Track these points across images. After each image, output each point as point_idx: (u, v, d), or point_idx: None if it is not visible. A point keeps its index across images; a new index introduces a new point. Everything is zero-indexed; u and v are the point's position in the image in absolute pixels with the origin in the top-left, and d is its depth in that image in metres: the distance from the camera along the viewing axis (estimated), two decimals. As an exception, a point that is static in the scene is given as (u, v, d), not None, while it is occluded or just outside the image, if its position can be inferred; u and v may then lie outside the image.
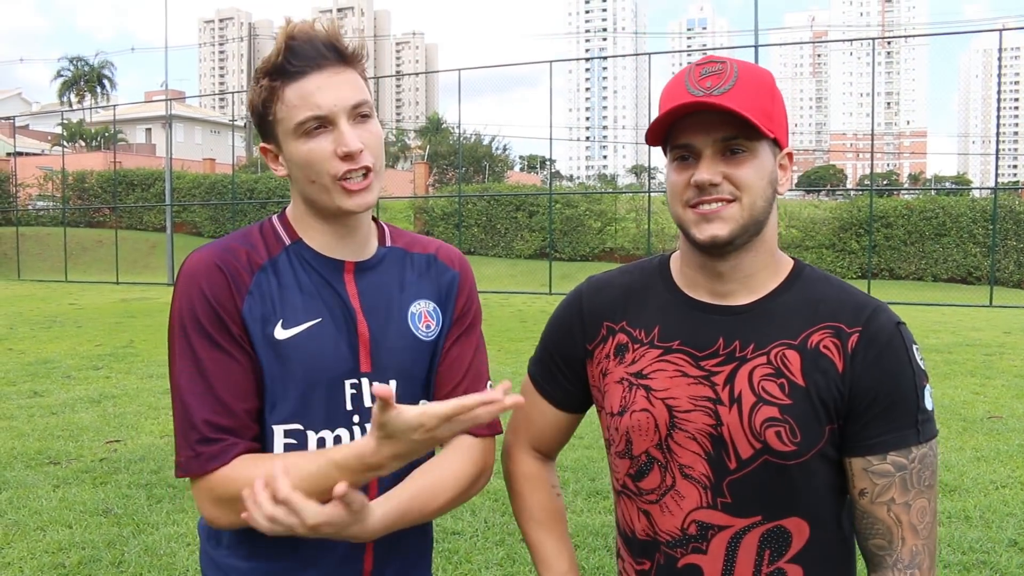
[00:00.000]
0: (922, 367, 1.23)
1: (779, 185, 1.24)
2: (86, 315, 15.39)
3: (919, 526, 1.20)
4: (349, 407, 1.30)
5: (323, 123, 1.25)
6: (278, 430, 1.28)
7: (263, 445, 1.28)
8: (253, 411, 1.27)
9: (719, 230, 1.19)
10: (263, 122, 1.30)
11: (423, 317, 1.39)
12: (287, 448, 1.28)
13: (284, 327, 1.28)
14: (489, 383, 1.43)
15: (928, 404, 1.22)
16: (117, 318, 14.80)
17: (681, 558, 1.26)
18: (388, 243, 1.42)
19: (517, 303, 19.34)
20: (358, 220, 1.35)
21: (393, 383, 1.33)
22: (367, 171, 1.27)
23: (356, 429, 1.31)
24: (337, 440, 1.29)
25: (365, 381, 1.31)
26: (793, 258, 1.32)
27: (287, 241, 1.35)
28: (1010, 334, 12.75)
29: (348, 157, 1.25)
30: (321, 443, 1.28)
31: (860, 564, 1.34)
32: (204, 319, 1.25)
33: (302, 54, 1.25)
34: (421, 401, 1.37)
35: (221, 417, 1.23)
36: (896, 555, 1.21)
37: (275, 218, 1.39)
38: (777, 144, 1.23)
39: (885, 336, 1.21)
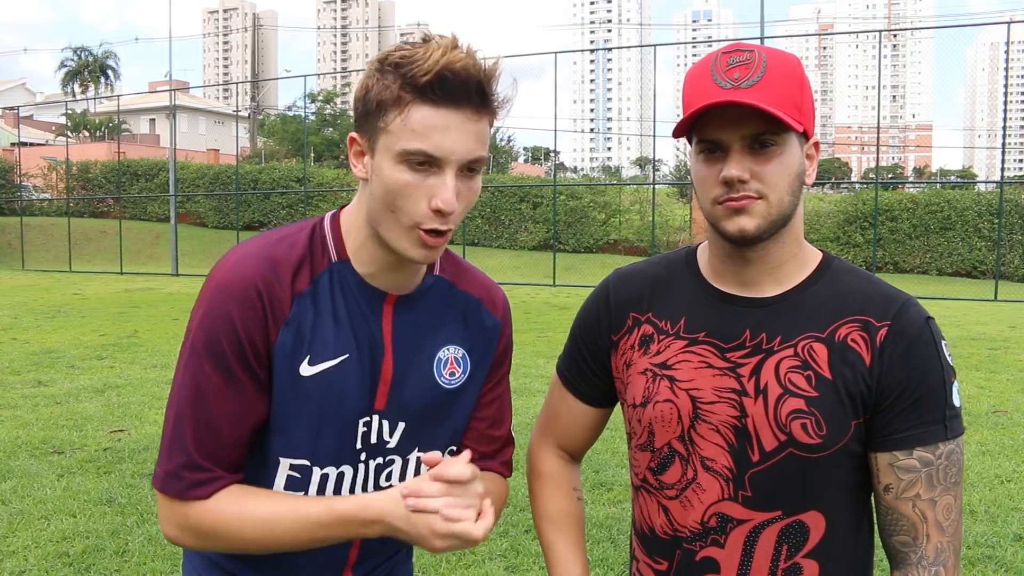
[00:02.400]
0: (950, 363, 1.21)
1: (807, 176, 1.22)
2: (90, 305, 15.41)
3: (944, 523, 1.18)
4: (359, 445, 1.26)
5: (431, 164, 1.13)
6: (284, 463, 1.24)
7: (264, 472, 1.24)
8: (246, 447, 1.21)
9: (747, 224, 1.18)
10: (368, 115, 1.16)
11: (449, 364, 1.32)
12: (289, 480, 1.24)
13: (310, 363, 1.21)
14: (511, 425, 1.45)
15: (956, 400, 1.20)
16: (121, 308, 14.82)
17: (699, 551, 1.24)
18: (436, 271, 1.34)
19: (521, 295, 19.33)
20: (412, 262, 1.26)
21: (401, 425, 1.28)
22: (446, 232, 1.17)
23: (361, 467, 1.27)
24: (340, 476, 1.25)
25: (376, 419, 1.27)
26: (822, 250, 1.30)
27: (334, 258, 1.24)
28: (1015, 328, 12.72)
29: (439, 212, 1.14)
30: (324, 479, 1.25)
31: (879, 561, 1.33)
32: (227, 347, 1.16)
33: (450, 88, 1.11)
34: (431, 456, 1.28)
35: (214, 449, 1.18)
36: (921, 552, 1.19)
37: (327, 221, 1.27)
38: (805, 135, 1.20)
39: (915, 331, 1.19)
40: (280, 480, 1.24)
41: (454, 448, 1.36)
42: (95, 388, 7.69)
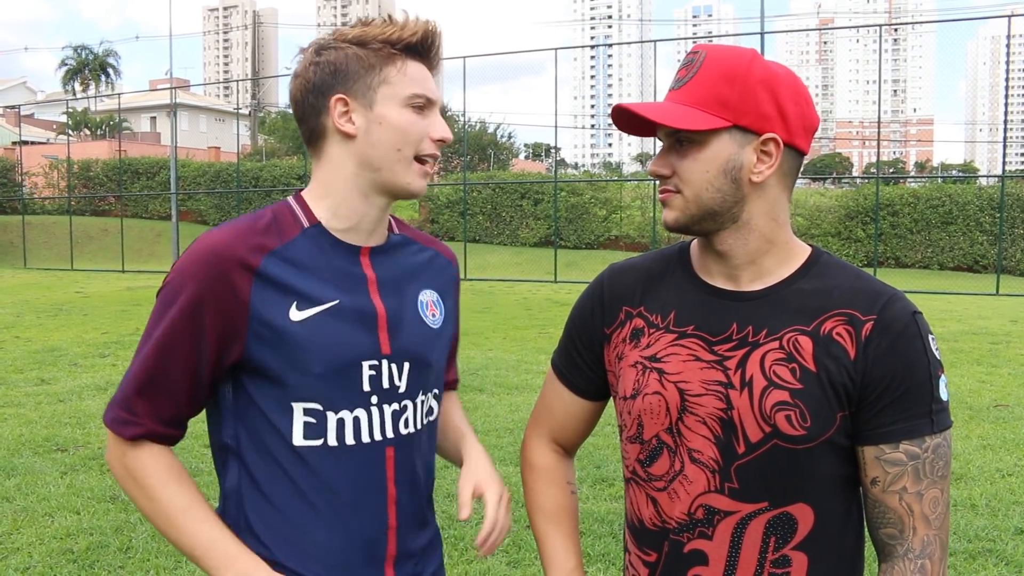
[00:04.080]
0: (937, 357, 1.22)
1: (753, 173, 1.21)
2: (92, 303, 15.42)
3: (931, 516, 1.19)
4: (367, 388, 1.33)
5: (428, 106, 1.37)
6: (297, 407, 1.29)
7: (285, 420, 1.31)
8: (186, 402, 1.31)
9: (667, 215, 1.25)
10: (359, 78, 1.33)
11: (430, 306, 1.44)
12: (307, 426, 1.30)
13: (299, 309, 1.30)
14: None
15: (943, 395, 1.21)
16: (123, 306, 14.84)
17: (687, 543, 1.25)
18: (396, 231, 1.48)
19: (522, 291, 19.34)
20: (388, 210, 1.41)
21: (407, 366, 1.37)
22: (435, 163, 1.40)
23: (374, 410, 1.34)
24: (356, 421, 1.32)
25: (384, 363, 1.34)
26: (812, 245, 1.31)
27: (305, 223, 1.35)
28: (1017, 323, 12.72)
29: (440, 142, 1.38)
30: (340, 424, 1.31)
31: (870, 555, 1.34)
32: (184, 302, 1.26)
33: (429, 46, 1.38)
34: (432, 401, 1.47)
35: (151, 394, 1.28)
36: (907, 544, 1.20)
37: (292, 200, 1.40)
38: (750, 131, 1.20)
39: (900, 324, 1.20)
40: (298, 427, 1.30)
41: (437, 391, 1.46)
42: (97, 386, 7.71)
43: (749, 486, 1.21)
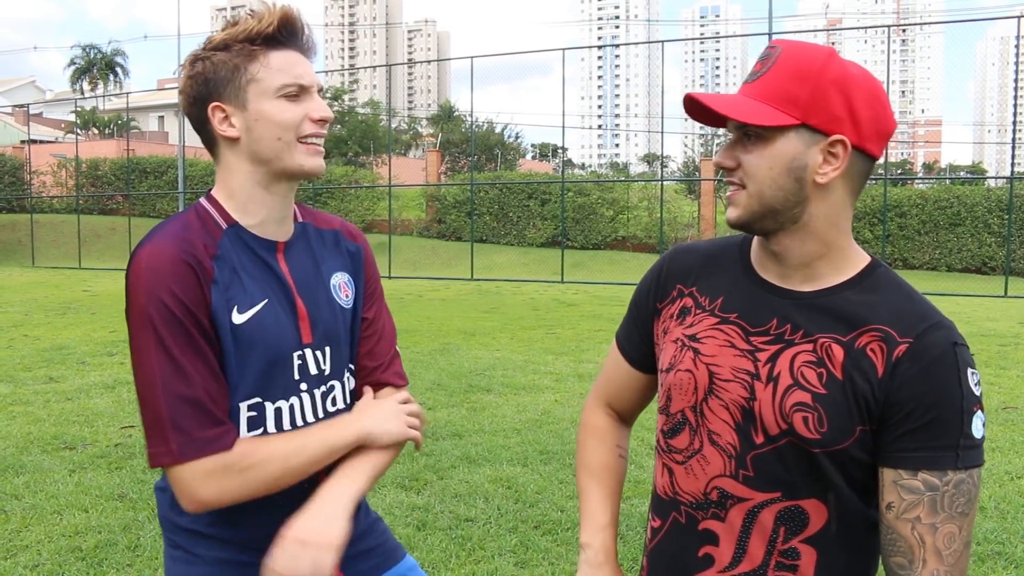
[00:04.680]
0: (975, 393, 1.18)
1: (818, 175, 1.20)
2: (100, 302, 15.48)
3: (944, 551, 1.16)
4: (297, 376, 1.43)
5: (301, 92, 1.40)
6: (243, 406, 1.38)
7: (235, 421, 1.38)
8: (225, 399, 1.35)
9: (730, 213, 1.25)
10: (226, 83, 1.38)
11: (342, 288, 1.53)
12: (249, 420, 1.38)
13: (240, 312, 1.37)
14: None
15: (976, 432, 1.17)
16: (131, 305, 14.86)
17: (701, 521, 1.29)
18: (300, 219, 1.54)
19: (529, 291, 19.33)
20: (292, 194, 1.47)
21: (328, 350, 1.47)
22: (322, 141, 1.44)
23: (305, 396, 1.44)
24: (291, 408, 1.42)
25: (308, 351, 1.45)
26: (872, 256, 1.30)
27: (223, 225, 1.41)
28: (1025, 324, 12.66)
29: (321, 121, 1.41)
30: (278, 412, 1.41)
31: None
32: (179, 315, 1.30)
33: (291, 32, 1.41)
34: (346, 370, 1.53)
35: (209, 406, 1.31)
36: (913, 572, 1.17)
37: (204, 202, 1.44)
38: (818, 131, 1.19)
39: (936, 352, 1.18)
40: (243, 423, 1.38)
41: (352, 367, 1.54)
42: (105, 384, 7.73)
43: (763, 476, 1.23)
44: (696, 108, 1.26)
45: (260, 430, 1.38)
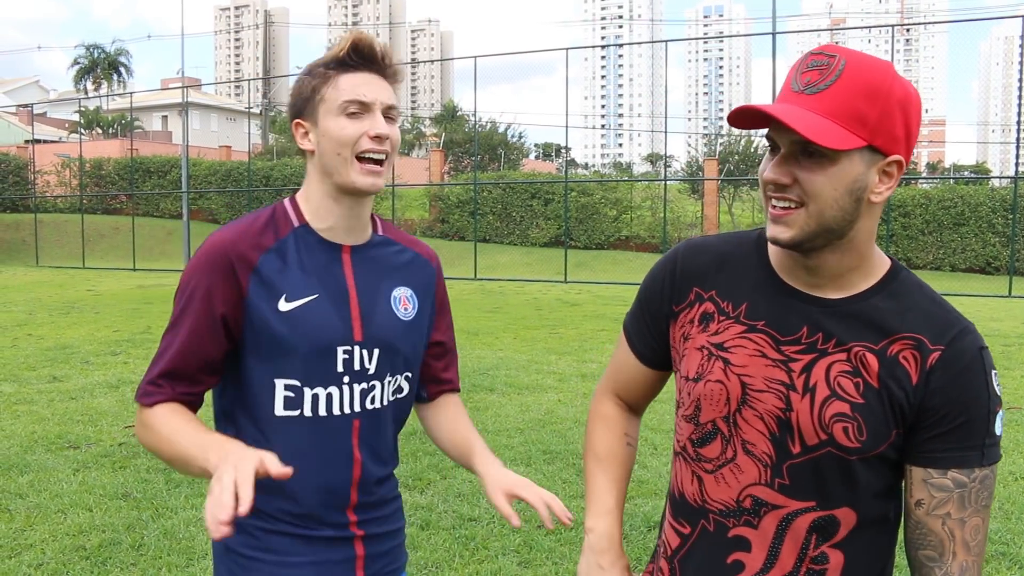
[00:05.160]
0: (998, 393, 1.23)
1: (873, 194, 1.19)
2: (104, 301, 15.50)
3: (971, 543, 1.22)
4: (340, 369, 1.54)
5: (363, 110, 1.51)
6: (279, 383, 1.51)
7: (267, 393, 1.52)
8: (199, 379, 1.51)
9: (782, 234, 1.20)
10: (306, 103, 1.54)
11: (402, 301, 1.63)
12: (286, 400, 1.52)
13: (287, 300, 1.51)
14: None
15: (998, 429, 1.22)
16: (134, 304, 14.90)
17: (732, 528, 1.29)
18: (380, 231, 1.66)
19: (532, 291, 19.33)
20: (362, 207, 1.58)
21: (377, 351, 1.57)
22: (384, 158, 1.53)
23: (345, 388, 1.55)
24: (329, 397, 1.53)
25: (356, 348, 1.55)
26: (891, 259, 1.31)
27: (295, 224, 1.56)
28: (1029, 324, 12.64)
29: (377, 139, 1.50)
30: (315, 398, 1.52)
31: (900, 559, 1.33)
32: (197, 296, 1.49)
33: (361, 54, 1.53)
34: (402, 378, 1.64)
35: (171, 372, 1.49)
36: (946, 568, 1.23)
37: (287, 201, 1.60)
38: (879, 151, 1.17)
39: (967, 359, 1.21)
40: (279, 399, 1.52)
41: (409, 375, 1.65)
42: (109, 384, 7.74)
43: (799, 485, 1.24)
44: (741, 115, 1.20)
45: (297, 411, 1.52)
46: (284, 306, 1.50)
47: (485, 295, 18.07)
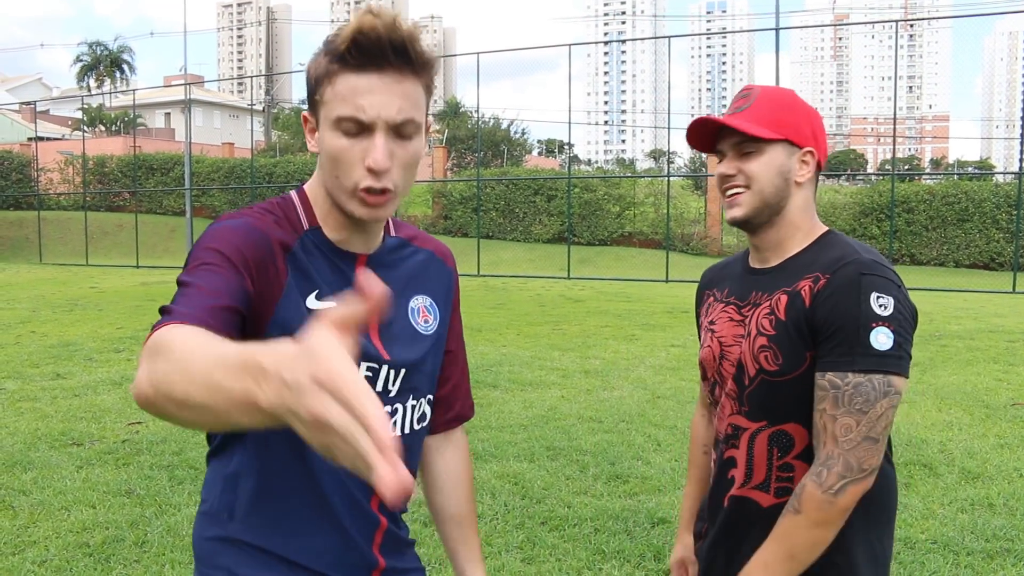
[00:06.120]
0: (876, 312, 1.44)
1: (798, 175, 1.60)
2: (107, 298, 15.51)
3: (841, 439, 1.45)
4: None
5: (362, 128, 1.19)
6: None
7: None
8: (219, 319, 1.13)
9: (737, 212, 1.60)
10: (311, 94, 1.25)
11: (421, 312, 1.44)
12: None
13: (318, 298, 1.29)
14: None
15: (876, 344, 1.43)
16: (138, 301, 14.91)
17: (725, 451, 1.66)
18: (393, 233, 1.44)
19: (535, 287, 19.33)
20: (376, 221, 1.34)
21: (402, 372, 1.38)
22: (384, 190, 1.23)
23: None
24: None
25: (384, 368, 1.34)
26: (830, 228, 1.64)
27: (305, 226, 1.32)
28: (1034, 320, 12.60)
29: (372, 173, 1.20)
30: None
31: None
32: (226, 249, 1.20)
33: (365, 50, 1.16)
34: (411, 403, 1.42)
35: (189, 308, 1.12)
36: (820, 453, 1.48)
37: (295, 196, 1.35)
38: (795, 144, 1.59)
39: (844, 281, 1.48)
40: None
41: (430, 397, 1.46)
42: (113, 381, 7.75)
43: (754, 408, 1.59)
44: (696, 134, 1.64)
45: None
46: (313, 303, 1.28)
47: (488, 291, 18.07)
